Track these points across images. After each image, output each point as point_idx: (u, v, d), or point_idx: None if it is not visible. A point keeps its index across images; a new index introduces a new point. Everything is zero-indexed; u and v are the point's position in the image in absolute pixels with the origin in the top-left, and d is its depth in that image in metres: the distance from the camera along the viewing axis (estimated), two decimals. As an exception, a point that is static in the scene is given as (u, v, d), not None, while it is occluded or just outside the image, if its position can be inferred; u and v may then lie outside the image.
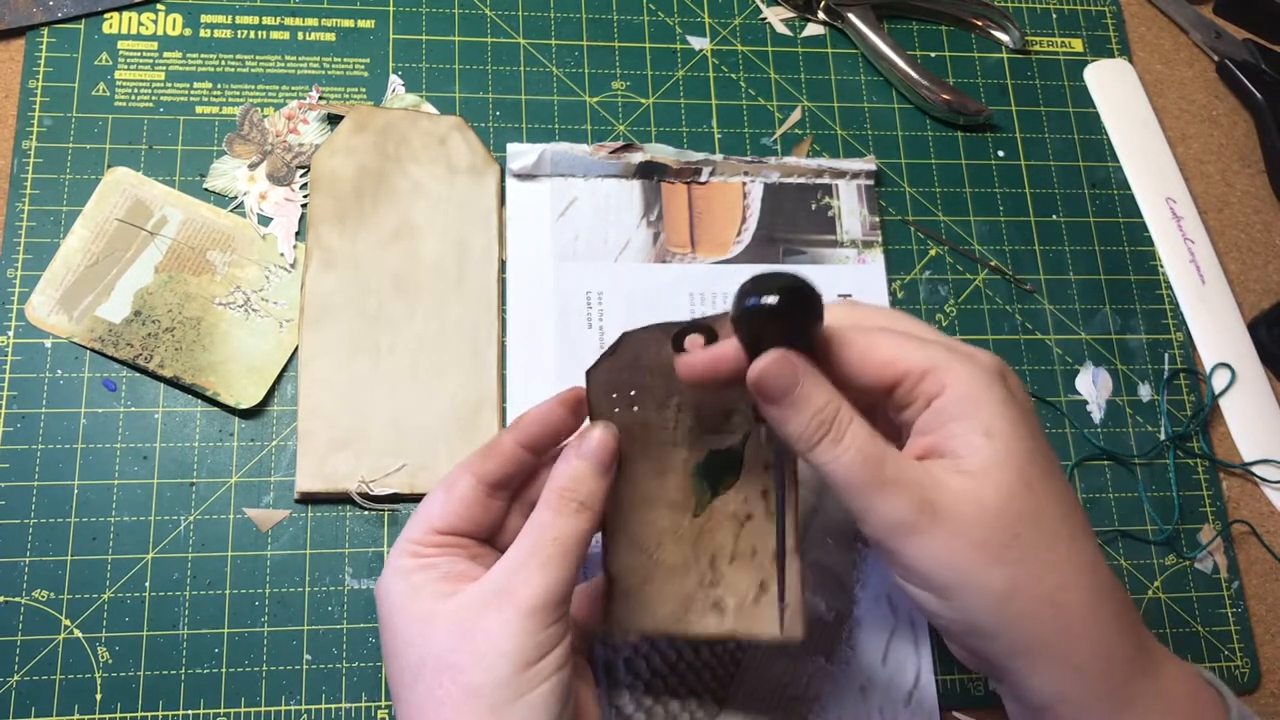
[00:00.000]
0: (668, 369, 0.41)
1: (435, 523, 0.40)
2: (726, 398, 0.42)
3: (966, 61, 0.65)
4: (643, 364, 0.41)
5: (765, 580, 0.41)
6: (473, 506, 0.41)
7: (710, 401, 0.41)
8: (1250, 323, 0.61)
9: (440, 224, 0.56)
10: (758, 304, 0.36)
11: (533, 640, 0.36)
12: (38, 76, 0.56)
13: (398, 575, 0.39)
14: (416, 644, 0.37)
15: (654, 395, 0.41)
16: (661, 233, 0.57)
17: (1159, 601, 0.55)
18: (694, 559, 0.42)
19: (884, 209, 0.60)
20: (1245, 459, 0.58)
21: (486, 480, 0.41)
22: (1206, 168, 0.65)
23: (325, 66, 0.59)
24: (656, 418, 0.42)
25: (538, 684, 0.36)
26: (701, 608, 0.41)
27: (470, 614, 0.37)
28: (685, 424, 0.42)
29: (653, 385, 0.41)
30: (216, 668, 0.48)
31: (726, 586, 0.41)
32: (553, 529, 0.38)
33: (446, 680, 0.36)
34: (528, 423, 0.42)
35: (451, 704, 0.36)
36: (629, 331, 0.41)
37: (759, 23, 0.63)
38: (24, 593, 0.49)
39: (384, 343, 0.53)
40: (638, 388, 0.41)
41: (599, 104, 0.60)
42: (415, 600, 0.38)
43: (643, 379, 0.41)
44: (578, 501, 0.39)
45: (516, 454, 0.42)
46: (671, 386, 0.41)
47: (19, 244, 0.53)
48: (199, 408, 0.52)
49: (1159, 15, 0.69)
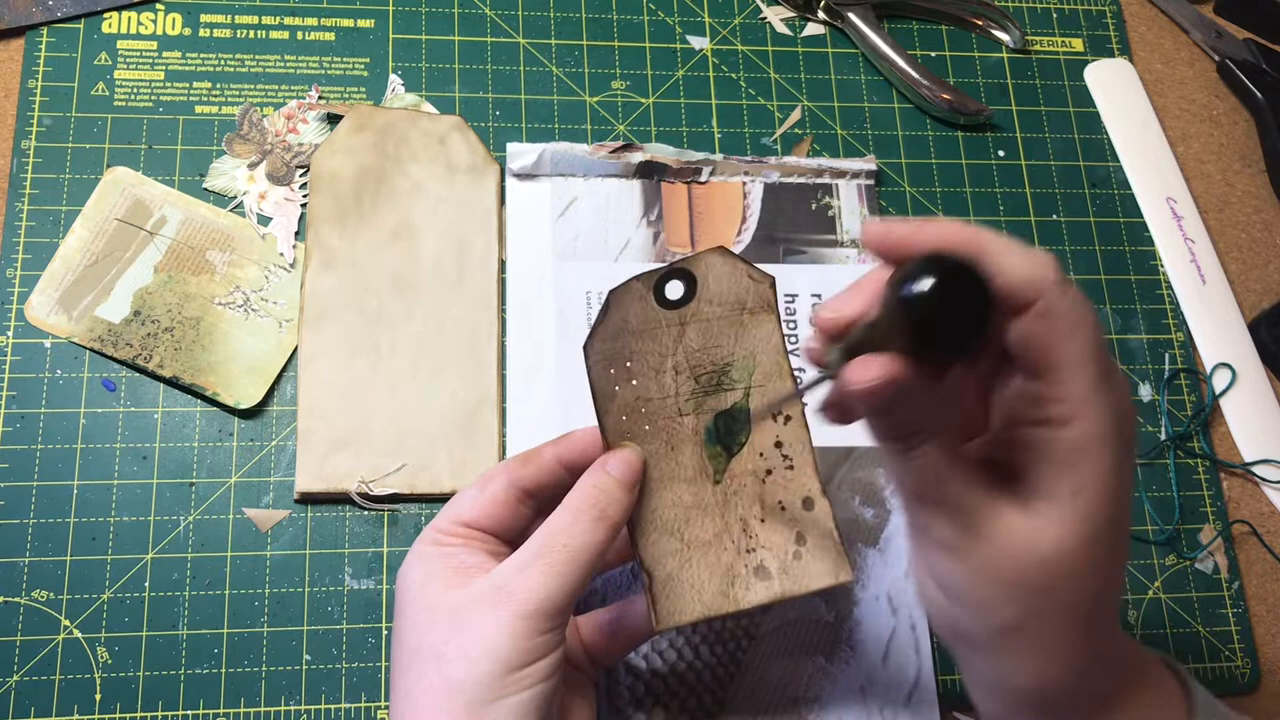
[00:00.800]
0: (655, 329, 0.40)
1: (463, 515, 0.41)
2: (719, 353, 0.41)
3: (967, 61, 0.65)
4: (631, 327, 0.41)
5: (800, 531, 0.41)
6: (502, 507, 0.41)
7: (704, 360, 0.41)
8: (1251, 323, 0.61)
9: (440, 224, 0.56)
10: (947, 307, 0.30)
11: (523, 644, 0.36)
12: (37, 76, 0.56)
13: (418, 560, 0.40)
14: (417, 630, 0.37)
15: (648, 362, 0.41)
16: (661, 232, 0.57)
17: (1159, 601, 0.55)
18: (725, 528, 0.41)
19: (884, 209, 0.60)
20: (1246, 459, 0.58)
21: (520, 485, 0.41)
22: (1207, 168, 0.65)
23: (325, 66, 0.59)
24: (656, 388, 0.41)
25: (518, 690, 0.36)
26: (746, 577, 0.41)
27: (468, 607, 0.37)
28: (684, 389, 0.41)
29: (645, 351, 0.41)
30: (216, 668, 0.48)
31: (765, 548, 0.41)
32: (565, 535, 0.38)
33: (432, 670, 0.36)
34: (570, 441, 0.42)
35: (432, 695, 0.36)
36: (613, 290, 0.41)
37: (759, 22, 0.63)
38: (24, 593, 0.49)
39: (384, 343, 0.53)
40: (632, 356, 0.41)
41: (599, 104, 0.60)
42: (426, 587, 0.38)
43: (635, 344, 0.41)
44: (598, 510, 0.38)
45: (554, 468, 0.42)
46: (662, 350, 0.41)
47: (18, 244, 0.53)
48: (199, 408, 0.52)
49: (1159, 15, 0.68)
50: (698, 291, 0.41)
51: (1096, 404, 0.32)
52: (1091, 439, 0.33)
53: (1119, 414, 0.33)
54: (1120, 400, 0.33)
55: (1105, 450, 0.33)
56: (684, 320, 0.41)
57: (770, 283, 0.42)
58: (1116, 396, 0.33)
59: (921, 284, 0.30)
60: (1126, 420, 0.34)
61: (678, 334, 0.41)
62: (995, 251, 0.32)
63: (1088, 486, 0.33)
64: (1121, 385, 0.34)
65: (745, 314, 0.42)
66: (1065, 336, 0.32)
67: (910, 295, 0.30)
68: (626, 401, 0.41)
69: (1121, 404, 0.33)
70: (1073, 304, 0.32)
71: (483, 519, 0.41)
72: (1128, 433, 0.34)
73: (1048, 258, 0.32)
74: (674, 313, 0.41)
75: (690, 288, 0.41)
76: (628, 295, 0.41)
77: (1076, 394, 0.32)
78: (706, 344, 0.41)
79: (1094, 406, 0.32)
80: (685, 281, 0.40)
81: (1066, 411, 0.33)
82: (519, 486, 0.41)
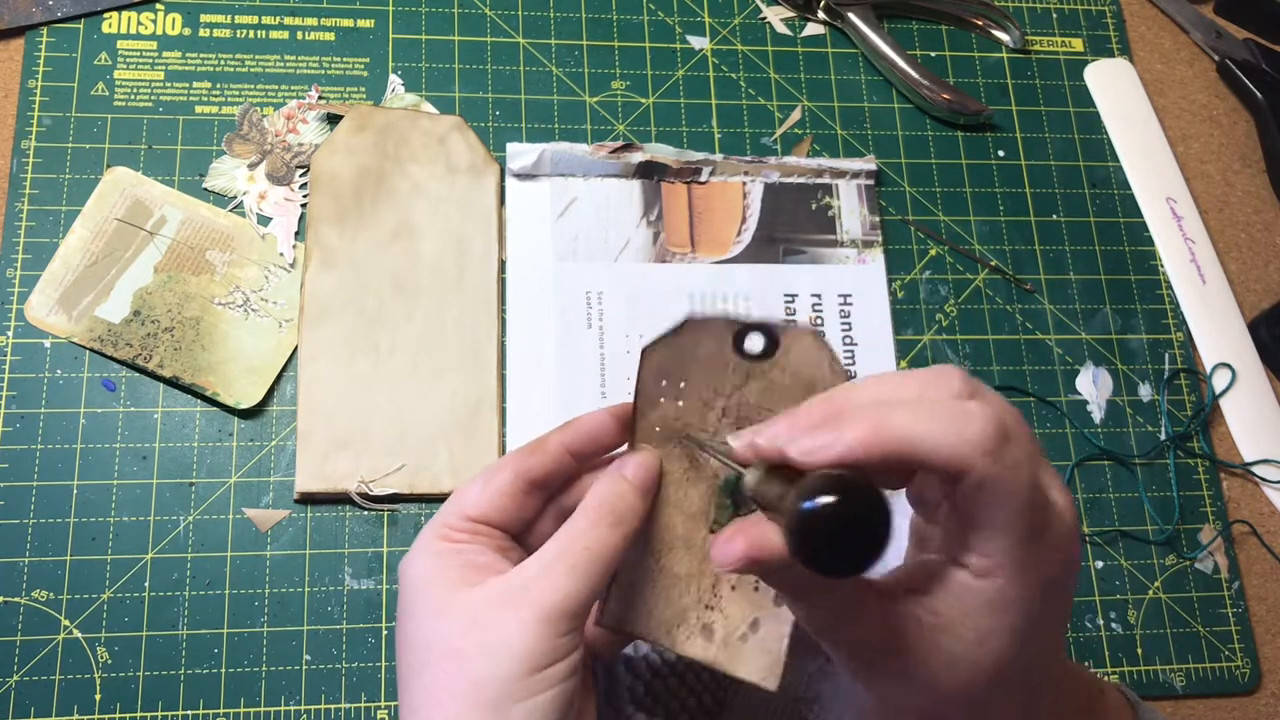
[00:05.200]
0: (720, 367, 0.40)
1: (469, 509, 0.40)
2: (771, 417, 0.41)
3: (966, 61, 0.65)
4: (699, 355, 0.41)
5: (759, 619, 0.41)
6: (508, 499, 0.41)
7: (754, 417, 0.41)
8: (1250, 323, 0.61)
9: (440, 224, 0.56)
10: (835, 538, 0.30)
11: (545, 645, 0.36)
12: (37, 76, 0.56)
13: (424, 555, 0.39)
14: (429, 627, 0.37)
15: (700, 393, 0.41)
16: (661, 232, 0.57)
17: (1159, 601, 0.55)
18: (699, 574, 0.42)
19: (884, 209, 0.60)
20: (1246, 459, 0.58)
21: (526, 476, 0.41)
22: (1207, 167, 0.65)
23: (325, 66, 0.59)
24: (698, 419, 0.41)
25: (542, 690, 0.36)
26: (692, 627, 0.41)
27: (487, 606, 0.37)
28: (724, 432, 0.41)
29: (701, 382, 0.41)
30: (216, 668, 0.48)
31: (721, 613, 0.42)
32: (585, 538, 0.38)
33: (452, 667, 0.36)
34: (577, 428, 0.42)
35: (453, 693, 0.35)
36: (693, 315, 0.40)
37: (759, 22, 0.63)
38: (24, 593, 0.49)
39: (384, 343, 0.53)
40: (688, 379, 0.41)
41: (599, 104, 0.60)
42: (436, 582, 0.38)
43: (694, 371, 0.41)
44: (616, 514, 0.38)
45: (560, 456, 0.41)
46: (719, 388, 0.41)
47: (18, 244, 0.53)
48: (198, 408, 0.52)
49: (1159, 15, 0.68)
50: (775, 356, 0.41)
51: (1016, 566, 0.32)
52: (1007, 598, 0.32)
53: (1045, 576, 0.32)
54: (1049, 561, 0.32)
55: (1017, 611, 0.32)
56: (751, 374, 0.41)
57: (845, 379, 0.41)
58: (1045, 557, 0.32)
59: (816, 519, 0.30)
60: (1056, 579, 0.33)
61: (740, 382, 0.41)
62: (920, 437, 0.31)
63: (996, 637, 0.33)
64: (1058, 542, 0.33)
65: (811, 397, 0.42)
66: (993, 506, 0.31)
67: (802, 527, 0.30)
68: (666, 415, 0.41)
69: (1050, 565, 0.33)
70: (1006, 470, 0.31)
71: (490, 513, 0.40)
72: (1056, 589, 0.33)
73: (982, 424, 0.31)
74: (745, 362, 0.41)
75: (770, 348, 0.41)
76: (707, 327, 0.41)
77: (997, 553, 0.32)
78: (762, 404, 0.41)
79: (1013, 569, 0.32)
80: (767, 339, 0.40)
81: (986, 566, 0.32)
82: (526, 478, 0.41)
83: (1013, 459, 0.31)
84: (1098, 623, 0.54)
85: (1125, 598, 0.55)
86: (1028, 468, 0.31)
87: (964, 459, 0.30)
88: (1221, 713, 0.54)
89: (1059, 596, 0.34)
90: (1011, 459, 0.31)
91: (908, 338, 0.58)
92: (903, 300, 0.59)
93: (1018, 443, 0.31)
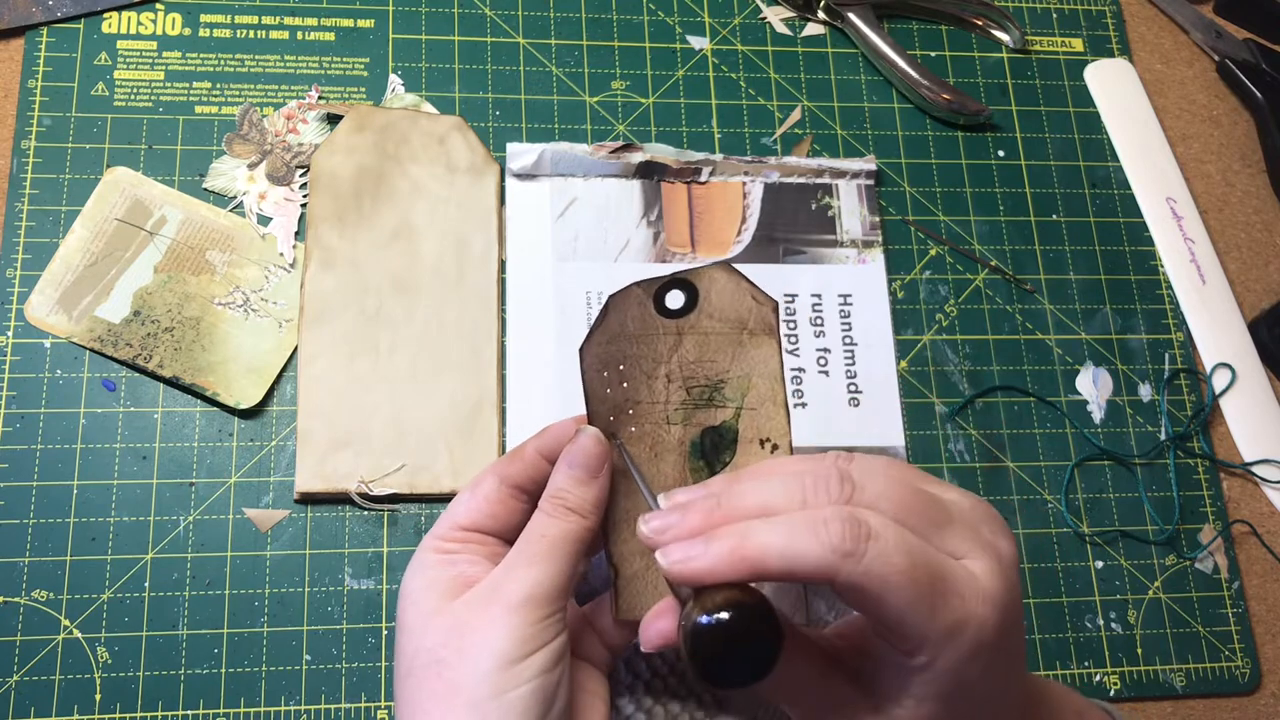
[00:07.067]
0: (652, 334, 0.41)
1: (460, 519, 0.41)
2: (714, 368, 0.41)
3: (966, 61, 0.65)
4: (629, 331, 0.41)
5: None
6: (496, 505, 0.42)
7: (698, 373, 0.41)
8: (1250, 323, 0.61)
9: (440, 224, 0.56)
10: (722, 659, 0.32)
11: (518, 635, 0.36)
12: (37, 76, 0.56)
13: (419, 569, 0.40)
14: (415, 638, 0.38)
15: (642, 367, 0.41)
16: (661, 232, 0.57)
17: (1159, 602, 0.55)
18: None
19: (884, 209, 0.60)
20: (1245, 459, 0.58)
21: (509, 482, 0.42)
22: (1206, 168, 0.65)
23: (325, 66, 0.59)
24: (647, 392, 0.41)
25: (520, 684, 0.36)
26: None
27: (465, 612, 0.38)
28: (675, 398, 0.41)
29: (639, 355, 0.41)
30: (216, 668, 0.48)
31: None
32: (542, 528, 0.39)
33: (433, 675, 0.37)
34: (548, 436, 0.43)
35: (434, 699, 0.36)
36: (612, 294, 0.41)
37: (759, 22, 0.63)
38: (24, 593, 0.49)
39: (384, 343, 0.53)
40: (626, 359, 0.41)
41: (599, 104, 0.60)
42: (426, 595, 0.39)
43: (630, 349, 0.41)
44: (565, 507, 0.39)
45: (536, 461, 0.42)
46: (657, 355, 0.41)
47: (18, 244, 0.53)
48: (198, 408, 0.52)
49: (1159, 15, 0.68)
50: (698, 304, 0.41)
51: (923, 640, 0.32)
52: (935, 671, 0.33)
53: (970, 635, 0.32)
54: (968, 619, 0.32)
55: (947, 679, 0.33)
56: (682, 330, 0.41)
57: (773, 306, 0.41)
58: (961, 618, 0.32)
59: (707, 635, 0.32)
60: (986, 625, 0.33)
61: (674, 343, 0.41)
62: (780, 551, 0.32)
63: (929, 702, 0.34)
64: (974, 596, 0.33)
65: (745, 334, 0.41)
66: (872, 600, 0.32)
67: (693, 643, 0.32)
68: (616, 403, 0.41)
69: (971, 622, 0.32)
70: (873, 563, 0.31)
71: (480, 520, 0.41)
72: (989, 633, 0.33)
73: (840, 529, 0.31)
74: (672, 322, 0.41)
75: (691, 299, 0.41)
76: (627, 300, 0.41)
77: (912, 635, 0.32)
78: (702, 357, 0.41)
79: (933, 644, 0.32)
80: (686, 292, 0.40)
81: (908, 646, 0.33)
82: (509, 484, 0.42)
83: (877, 552, 0.31)
84: (1098, 623, 0.54)
85: (1125, 598, 0.55)
86: (899, 553, 0.32)
87: (827, 566, 0.31)
88: (1221, 713, 0.54)
89: (998, 638, 0.33)
90: (876, 552, 0.31)
91: (908, 338, 0.58)
92: (903, 300, 0.59)
93: (884, 535, 0.32)
